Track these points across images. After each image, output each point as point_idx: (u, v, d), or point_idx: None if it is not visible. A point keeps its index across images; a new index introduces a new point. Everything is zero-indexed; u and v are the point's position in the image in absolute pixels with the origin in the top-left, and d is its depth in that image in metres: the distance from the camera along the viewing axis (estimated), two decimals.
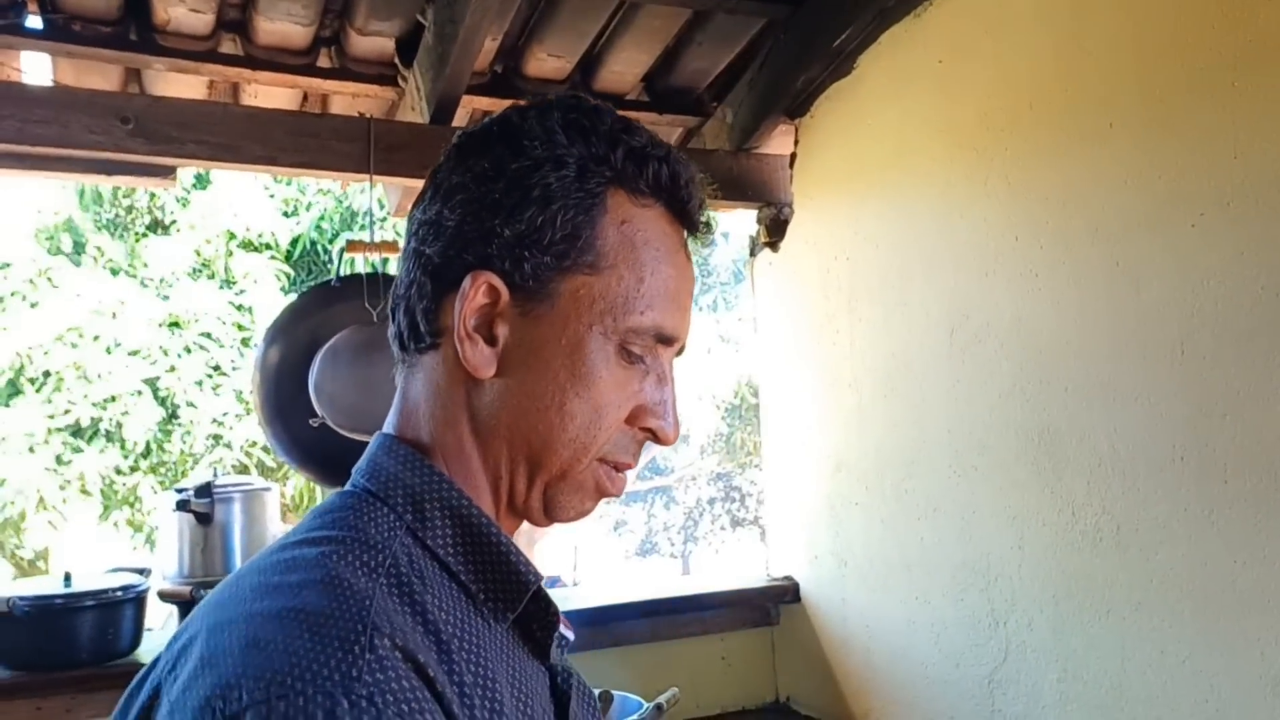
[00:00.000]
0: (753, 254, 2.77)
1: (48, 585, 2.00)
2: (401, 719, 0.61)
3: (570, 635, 0.89)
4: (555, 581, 11.52)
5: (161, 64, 2.26)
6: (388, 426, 0.86)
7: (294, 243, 7.80)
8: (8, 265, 7.67)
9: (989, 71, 2.06)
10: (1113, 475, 1.82)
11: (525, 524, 0.88)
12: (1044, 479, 1.94)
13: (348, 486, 0.83)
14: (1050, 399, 1.93)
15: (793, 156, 2.61)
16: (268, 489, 2.31)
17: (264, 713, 0.59)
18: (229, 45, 2.30)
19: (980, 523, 2.08)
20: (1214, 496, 1.67)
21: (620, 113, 0.86)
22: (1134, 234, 1.79)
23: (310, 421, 2.13)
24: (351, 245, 2.38)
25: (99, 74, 2.32)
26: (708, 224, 0.88)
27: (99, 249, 7.85)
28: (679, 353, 0.88)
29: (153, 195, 7.86)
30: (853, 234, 2.41)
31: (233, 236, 7.74)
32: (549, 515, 0.84)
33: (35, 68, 2.30)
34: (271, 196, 7.78)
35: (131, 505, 8.05)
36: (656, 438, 0.86)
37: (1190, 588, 1.71)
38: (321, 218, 7.80)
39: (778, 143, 2.65)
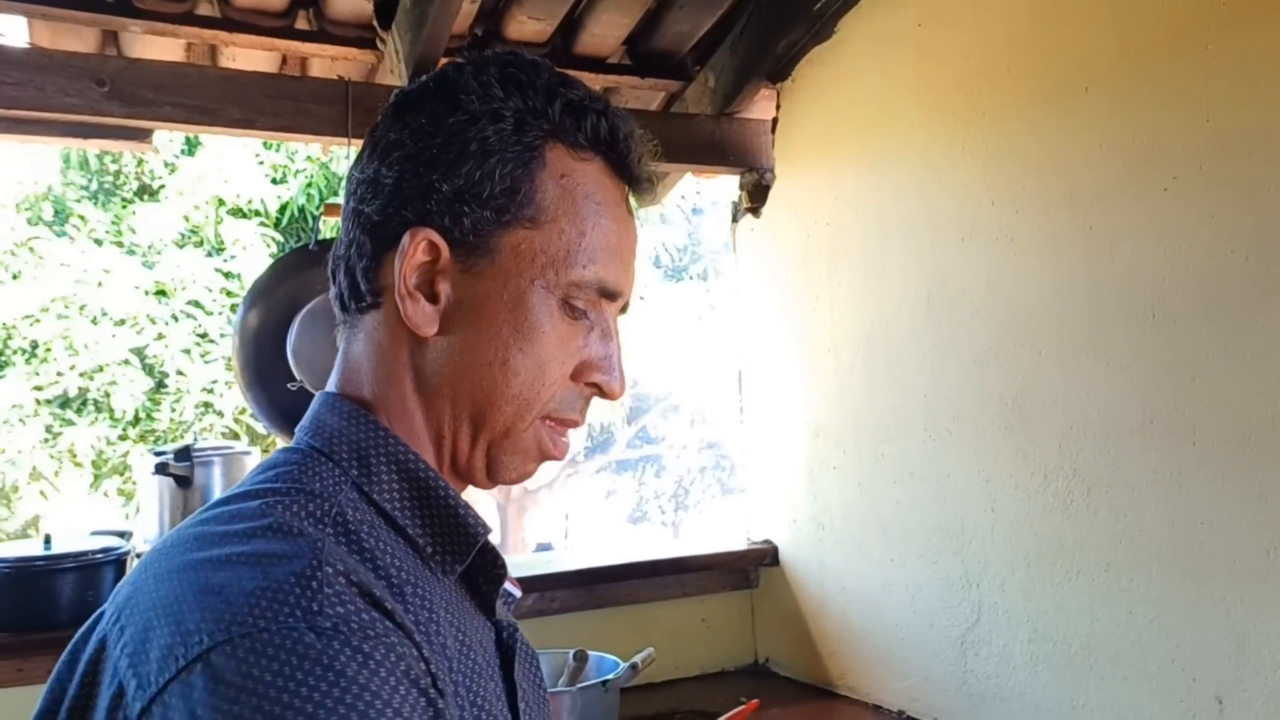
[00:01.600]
0: (735, 220, 2.76)
1: (28, 548, 2.01)
2: (371, 640, 0.61)
3: (517, 593, 0.90)
4: (547, 547, 11.58)
5: (138, 26, 2.24)
6: (330, 385, 0.86)
7: (282, 209, 7.76)
8: None
9: (967, 35, 2.06)
10: (1084, 438, 1.84)
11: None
12: (1017, 442, 1.96)
13: (291, 444, 0.83)
14: (1024, 363, 1.94)
15: (774, 121, 2.60)
16: (248, 452, 2.32)
17: (229, 651, 0.59)
18: (206, 7, 2.28)
19: (954, 486, 2.09)
20: (1183, 459, 1.69)
21: (601, 76, 0.87)
22: (1109, 198, 1.80)
23: (289, 385, 2.13)
24: (329, 208, 2.38)
25: (75, 36, 2.30)
26: (650, 179, 0.88)
27: (82, 218, 7.80)
28: (624, 309, 0.88)
29: (140, 161, 7.81)
30: (833, 199, 2.41)
31: (221, 203, 7.70)
32: (491, 477, 0.84)
33: (11, 29, 2.28)
34: (260, 163, 7.74)
35: (122, 474, 8.06)
36: (602, 392, 0.86)
37: (1158, 549, 1.73)
38: (309, 184, 7.76)
39: (760, 107, 2.64)
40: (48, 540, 2.00)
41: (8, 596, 1.93)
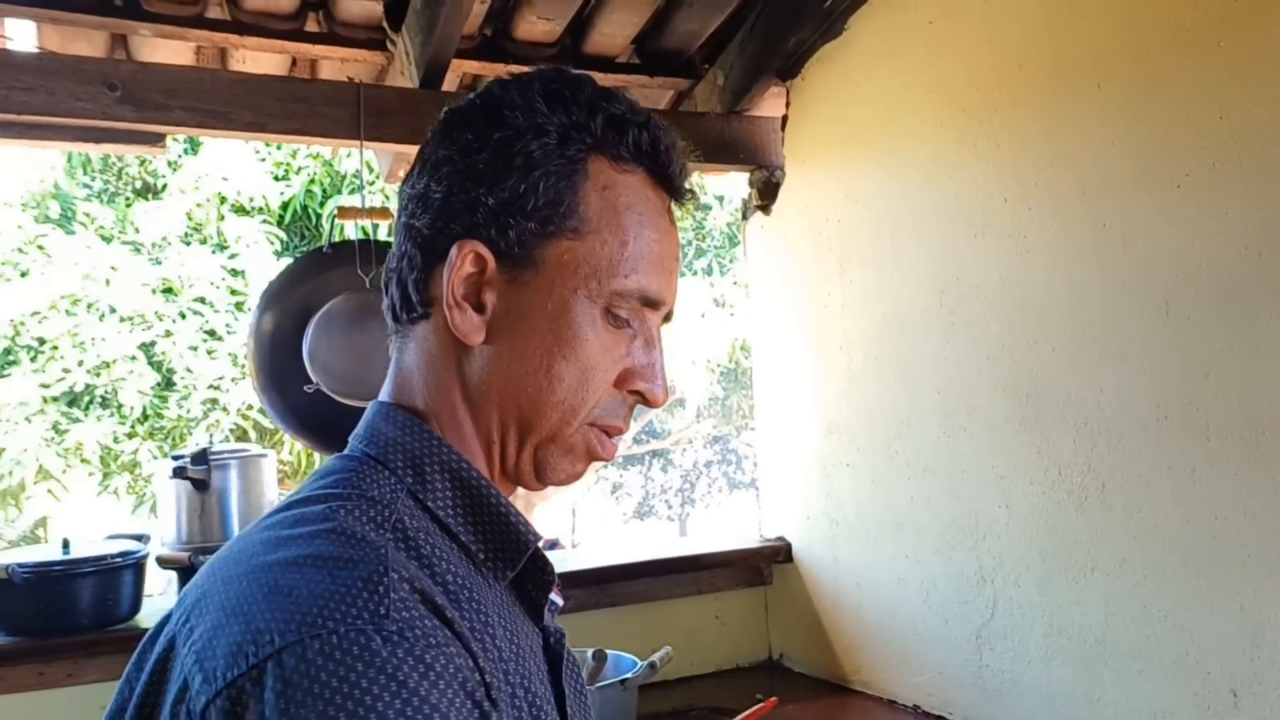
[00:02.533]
0: (745, 217, 2.77)
1: (47, 553, 2.02)
2: (433, 650, 0.64)
3: (560, 601, 0.91)
4: (554, 544, 11.60)
5: (148, 29, 2.24)
6: (383, 395, 0.88)
7: (285, 206, 7.76)
8: None
9: (978, 32, 2.06)
10: (1098, 434, 1.84)
11: (521, 489, 0.90)
12: (1031, 438, 1.97)
13: (346, 452, 0.85)
14: (1038, 359, 1.95)
15: (784, 119, 2.60)
16: (264, 455, 2.33)
17: (299, 652, 0.61)
18: (216, 10, 2.28)
19: (968, 482, 2.10)
20: (1197, 454, 1.70)
21: (610, 75, 0.88)
22: (1121, 194, 1.80)
23: (305, 388, 2.14)
24: (343, 211, 2.38)
25: (85, 40, 2.31)
26: (691, 190, 0.90)
27: (88, 215, 7.81)
28: (667, 318, 0.89)
29: (143, 160, 7.81)
30: (844, 196, 2.41)
31: (224, 200, 7.70)
32: (540, 478, 0.86)
33: (20, 34, 2.29)
34: (262, 160, 7.74)
35: (131, 472, 8.07)
36: (645, 400, 0.87)
37: (1173, 544, 1.74)
38: (312, 181, 7.75)
39: (769, 105, 2.64)
40: (66, 544, 2.00)
41: (27, 601, 1.94)
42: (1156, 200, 1.75)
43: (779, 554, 2.64)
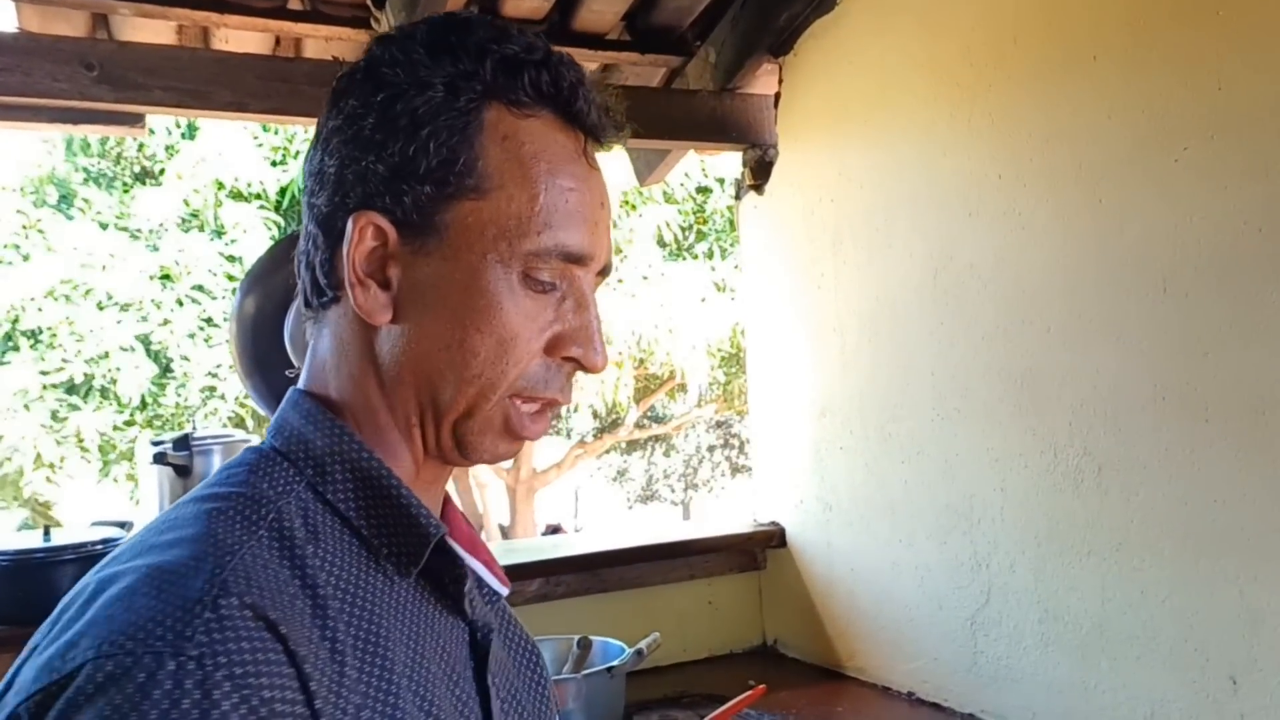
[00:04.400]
0: (738, 197, 2.73)
1: (28, 539, 2.00)
2: (231, 681, 0.60)
3: (503, 590, 0.87)
4: (556, 528, 11.60)
5: (128, 8, 2.20)
6: (300, 383, 0.83)
7: (282, 192, 7.73)
8: None
9: (972, 5, 2.01)
10: (1094, 416, 1.81)
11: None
12: (1026, 420, 1.93)
13: (259, 443, 0.81)
14: (1033, 340, 1.91)
15: (777, 96, 2.56)
16: (246, 440, 2.30)
17: (91, 672, 0.60)
18: None
19: (963, 465, 2.06)
20: (1195, 436, 1.66)
21: (600, 52, 0.81)
22: (1117, 170, 1.76)
23: (287, 373, 2.11)
24: None
25: (65, 20, 2.26)
26: (610, 124, 0.82)
27: (86, 201, 7.78)
28: (603, 274, 0.83)
29: (141, 145, 7.77)
30: (837, 175, 2.37)
31: (221, 186, 7.67)
32: (464, 455, 0.81)
33: None
34: (260, 145, 7.69)
35: (130, 460, 8.07)
36: (582, 366, 0.81)
37: (1171, 527, 1.70)
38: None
39: (762, 82, 2.60)
40: (47, 531, 1.98)
41: (7, 588, 1.91)
42: (1154, 175, 1.70)
43: (773, 539, 2.60)
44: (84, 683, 0.59)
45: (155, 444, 2.17)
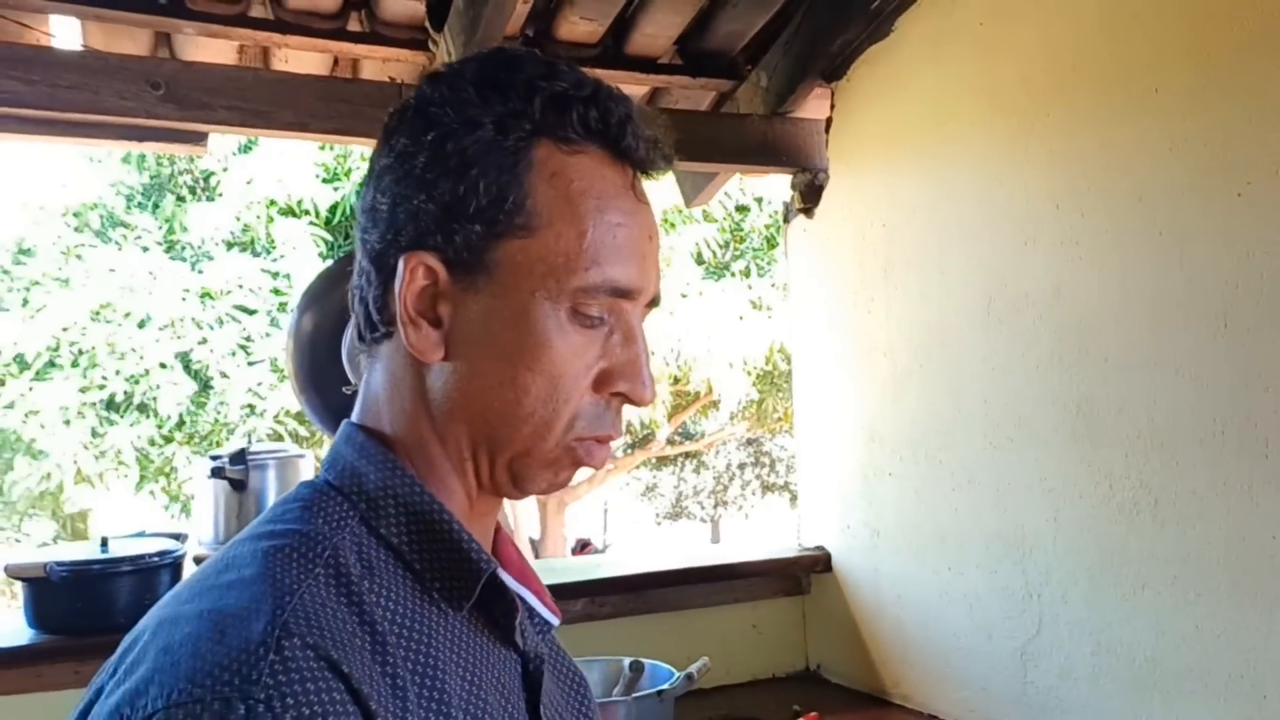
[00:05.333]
0: (787, 220, 2.73)
1: (85, 550, 2.03)
2: None
3: (555, 620, 0.87)
4: (586, 544, 11.60)
5: (191, 28, 2.24)
6: (354, 416, 0.84)
7: (333, 209, 7.78)
8: (31, 251, 7.72)
9: (1031, 33, 2.01)
10: (1151, 448, 1.79)
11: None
12: (1081, 451, 1.92)
13: (313, 478, 0.82)
14: (1089, 370, 1.90)
15: (828, 121, 2.57)
16: (301, 456, 2.32)
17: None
18: (259, 9, 2.28)
19: (1015, 494, 2.05)
20: (1254, 471, 1.64)
21: (652, 76, 0.82)
22: (1178, 202, 1.75)
23: (344, 389, 2.13)
24: None
25: (129, 38, 2.31)
26: (660, 157, 0.82)
27: (128, 225, 7.88)
28: (652, 304, 0.83)
29: (192, 159, 7.87)
30: (890, 201, 2.37)
31: (273, 203, 7.73)
32: (520, 489, 0.82)
33: (65, 32, 2.30)
34: (317, 163, 7.75)
35: (167, 475, 8.14)
36: (629, 400, 0.81)
37: (1228, 562, 1.68)
38: (362, 184, 7.74)
39: (813, 107, 2.60)
40: (104, 543, 2.01)
41: (65, 599, 1.94)
42: (1215, 208, 1.69)
43: (818, 564, 2.60)
44: None
45: (213, 458, 2.20)
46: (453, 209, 0.76)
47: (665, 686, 1.84)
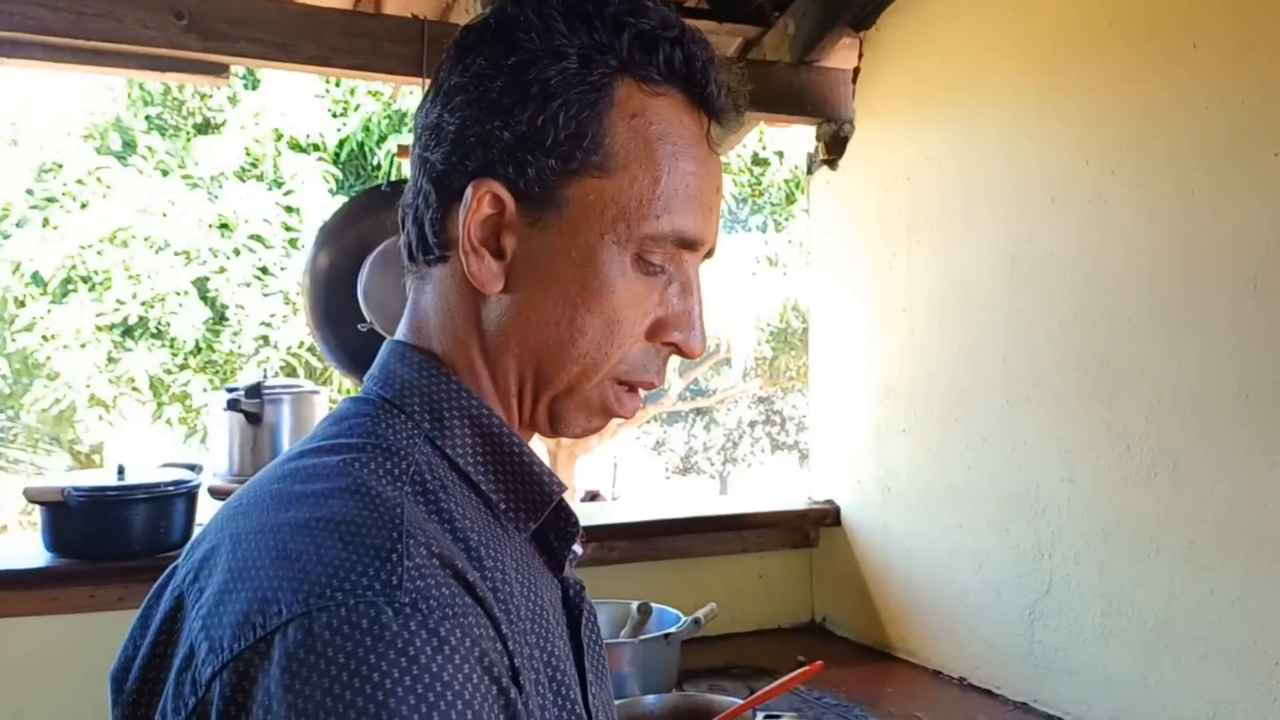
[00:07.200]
0: (810, 171, 2.70)
1: (102, 477, 2.04)
2: (450, 621, 0.60)
3: (580, 551, 0.87)
4: (595, 495, 11.66)
5: None
6: (400, 334, 0.83)
7: (341, 144, 7.76)
8: (60, 166, 7.72)
9: None
10: (1173, 411, 1.78)
11: (565, 439, 0.86)
12: (1100, 412, 1.90)
13: (360, 394, 0.80)
14: (1112, 331, 1.88)
15: (856, 71, 2.52)
16: (316, 392, 2.32)
17: (306, 625, 0.58)
18: None
19: (1030, 454, 2.04)
20: (1278, 437, 1.63)
21: (680, 19, 0.79)
22: (1212, 161, 1.72)
23: (359, 326, 2.13)
24: (402, 149, 2.36)
25: None
26: (736, 107, 0.81)
27: (149, 148, 7.87)
28: (708, 255, 0.82)
29: (203, 95, 7.85)
30: (915, 154, 2.34)
31: (280, 136, 7.72)
32: (555, 430, 0.81)
33: None
34: (320, 97, 7.73)
35: (183, 403, 8.21)
36: (680, 351, 0.81)
37: (1246, 529, 1.67)
38: (369, 120, 7.73)
39: (840, 56, 2.56)
40: (121, 470, 2.02)
41: (82, 524, 1.96)
42: (1250, 169, 1.66)
43: (827, 517, 2.60)
44: (302, 636, 0.58)
45: (229, 390, 2.21)
46: (528, 140, 0.74)
47: (672, 630, 1.85)
